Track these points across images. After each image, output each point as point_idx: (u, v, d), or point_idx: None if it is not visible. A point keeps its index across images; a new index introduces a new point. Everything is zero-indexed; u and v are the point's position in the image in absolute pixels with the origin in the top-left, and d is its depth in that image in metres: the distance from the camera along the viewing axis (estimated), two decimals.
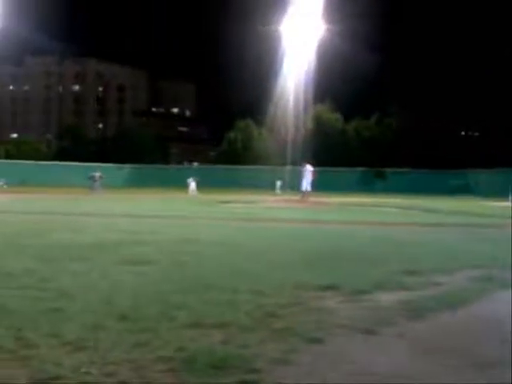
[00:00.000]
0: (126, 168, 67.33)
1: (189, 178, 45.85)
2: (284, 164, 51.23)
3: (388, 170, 61.59)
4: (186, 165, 70.04)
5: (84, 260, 9.07)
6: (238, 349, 4.71)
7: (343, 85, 56.67)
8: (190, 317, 5.61)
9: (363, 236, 14.26)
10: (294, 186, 37.52)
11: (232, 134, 70.87)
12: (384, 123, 68.06)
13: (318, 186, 39.28)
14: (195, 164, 69.29)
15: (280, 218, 19.73)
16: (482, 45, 61.05)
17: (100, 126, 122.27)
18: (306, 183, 34.81)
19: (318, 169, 45.27)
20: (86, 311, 5.79)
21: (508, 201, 37.72)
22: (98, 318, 5.54)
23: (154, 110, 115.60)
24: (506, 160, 56.36)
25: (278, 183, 49.51)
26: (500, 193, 43.87)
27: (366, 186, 57.86)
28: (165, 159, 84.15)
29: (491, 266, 9.33)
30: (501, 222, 19.93)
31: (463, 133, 77.71)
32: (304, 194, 34.12)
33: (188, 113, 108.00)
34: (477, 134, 75.97)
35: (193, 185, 45.14)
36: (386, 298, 6.81)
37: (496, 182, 52.51)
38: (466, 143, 71.58)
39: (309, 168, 35.51)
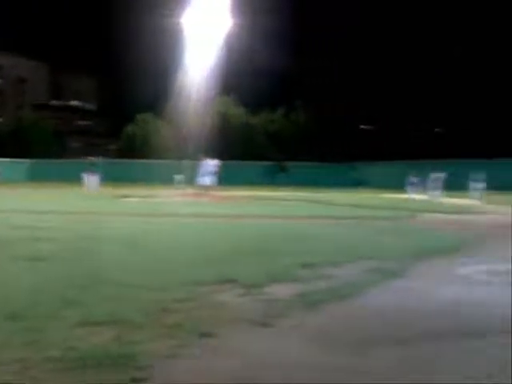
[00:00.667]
0: (25, 163, 65.12)
1: (87, 172, 44.88)
2: (185, 158, 50.93)
3: (291, 163, 62.38)
4: (85, 159, 68.42)
5: None
6: (130, 346, 4.64)
7: (249, 79, 56.93)
8: (82, 314, 5.47)
9: (264, 229, 14.36)
10: (194, 180, 37.36)
11: (131, 128, 69.82)
12: (290, 117, 68.84)
13: (222, 179, 39.32)
14: (95, 158, 67.62)
15: (181, 212, 19.55)
16: (381, 41, 62.65)
17: None
18: (208, 177, 34.77)
19: (221, 162, 45.38)
20: None
21: (405, 193, 39.03)
22: None
23: (54, 103, 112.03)
24: (401, 153, 58.42)
25: (178, 177, 49.17)
26: (396, 185, 45.40)
27: (269, 179, 58.39)
28: (64, 153, 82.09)
29: (383, 257, 9.65)
30: (396, 214, 20.56)
31: (363, 127, 79.75)
32: (206, 188, 34.06)
33: (89, 106, 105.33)
34: (371, 127, 78.12)
35: (92, 179, 44.16)
36: (281, 291, 6.91)
37: (392, 174, 54.28)
38: (364, 137, 73.50)
39: (211, 162, 35.49)
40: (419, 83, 61.13)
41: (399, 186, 43.37)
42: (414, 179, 39.54)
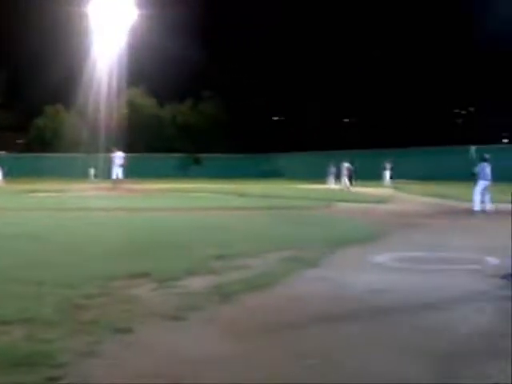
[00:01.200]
0: None
1: None
2: (97, 151, 49.79)
3: (204, 155, 62.11)
4: None
5: None
6: (43, 344, 4.54)
7: (158, 70, 56.09)
8: None
9: (178, 222, 14.27)
10: (107, 173, 36.66)
11: (40, 121, 67.61)
12: (199, 108, 68.40)
13: (134, 172, 38.82)
14: (1, 152, 65.03)
15: (90, 206, 19.09)
16: (293, 31, 63.13)
17: None
18: (117, 170, 34.21)
19: (132, 155, 44.71)
20: None
21: (321, 183, 39.56)
22: None
23: None
24: (315, 143, 59.33)
25: (92, 171, 48.19)
26: (311, 175, 46.15)
27: (182, 171, 57.91)
28: None
29: (299, 247, 9.78)
30: (310, 203, 20.86)
31: (276, 118, 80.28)
32: (115, 181, 33.50)
33: None
34: (283, 118, 78.78)
35: None
36: (196, 284, 6.91)
37: (306, 164, 55.14)
38: (277, 128, 74.05)
39: (119, 154, 34.88)
40: (332, 74, 62.14)
41: (314, 177, 44.06)
42: (332, 169, 40.11)
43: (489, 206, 16.80)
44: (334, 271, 8.01)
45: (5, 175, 42.77)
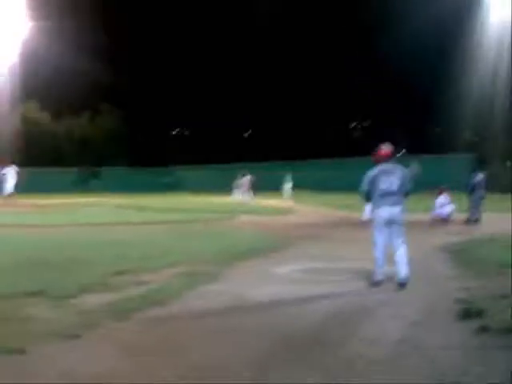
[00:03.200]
0: None
1: None
2: None
3: (103, 168, 60.96)
4: None
5: None
6: None
7: (54, 83, 54.59)
8: None
9: (75, 238, 13.86)
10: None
11: None
12: (96, 122, 67.05)
13: (29, 187, 37.56)
14: None
15: None
16: (191, 45, 63.10)
17: None
18: (8, 185, 33.08)
19: (28, 169, 43.26)
20: None
21: (224, 195, 39.55)
22: None
23: None
24: (215, 157, 59.40)
25: None
26: (211, 188, 46.26)
27: (81, 185, 56.48)
28: None
29: (199, 260, 9.73)
30: (211, 216, 20.83)
31: (174, 132, 79.90)
32: (10, 196, 32.37)
33: None
34: (187, 133, 78.58)
35: None
36: (92, 301, 6.78)
37: (207, 177, 55.16)
38: (176, 141, 73.73)
39: (11, 169, 33.69)
40: (231, 88, 62.47)
41: (215, 189, 44.14)
42: (238, 182, 39.96)
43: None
44: (233, 284, 8.06)
45: None
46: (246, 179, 37.95)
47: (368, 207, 8.36)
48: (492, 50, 42.73)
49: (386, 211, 7.92)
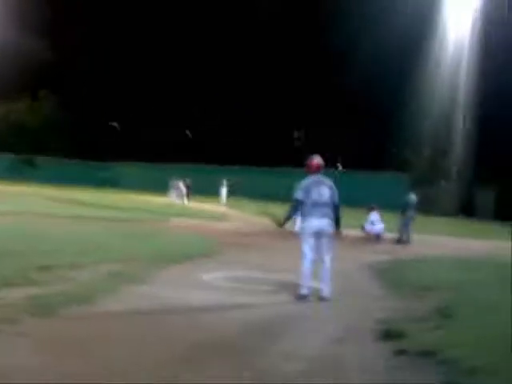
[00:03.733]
0: None
1: None
2: None
3: (39, 157, 59.58)
4: None
5: None
6: None
7: None
8: None
9: (1, 229, 13.48)
10: None
11: None
12: (34, 108, 65.34)
13: None
14: None
15: None
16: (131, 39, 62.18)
17: None
18: None
19: None
20: None
21: (161, 195, 39.22)
22: None
23: None
24: (155, 156, 58.72)
25: None
26: (148, 187, 45.91)
27: (14, 173, 55.04)
28: None
29: (128, 261, 9.63)
30: (145, 217, 20.69)
31: (116, 124, 78.70)
32: None
33: None
34: (121, 125, 77.46)
35: None
36: (12, 295, 6.60)
37: (145, 176, 54.70)
38: (114, 135, 72.62)
39: None
40: (173, 87, 62.10)
41: (151, 188, 43.80)
42: (175, 183, 39.59)
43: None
44: (159, 288, 8.04)
45: None
46: (184, 182, 37.85)
47: (299, 218, 8.44)
48: (437, 69, 43.84)
49: (316, 222, 8.01)
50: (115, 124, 74.76)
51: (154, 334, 5.82)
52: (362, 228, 18.80)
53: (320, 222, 8.00)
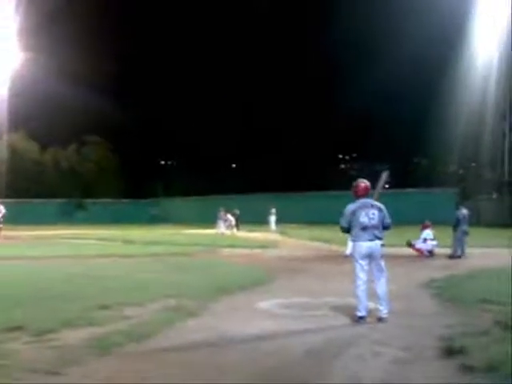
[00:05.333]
0: None
1: None
2: None
3: (89, 200, 60.88)
4: None
5: None
6: None
7: (41, 114, 54.82)
8: None
9: (57, 271, 13.74)
10: None
11: None
12: (83, 153, 67.05)
13: (14, 219, 37.35)
14: None
15: None
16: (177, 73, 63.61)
17: None
18: None
19: (12, 201, 43.11)
20: None
21: (210, 228, 39.44)
22: None
23: None
24: (201, 188, 59.25)
25: None
26: (198, 220, 46.25)
27: (66, 217, 56.21)
28: None
29: (182, 295, 9.69)
30: (196, 249, 20.81)
31: (162, 162, 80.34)
32: None
33: None
34: (175, 163, 79.03)
35: None
36: (73, 336, 6.74)
37: (193, 209, 55.19)
38: (163, 172, 73.83)
39: None
40: (218, 119, 62.89)
41: (201, 222, 44.06)
42: (223, 214, 39.74)
43: None
44: (216, 320, 8.05)
45: None
46: (232, 213, 38.03)
47: (350, 241, 8.42)
48: (478, 80, 43.20)
49: (367, 245, 8.01)
50: (163, 161, 75.94)
51: (213, 366, 5.82)
52: (410, 244, 18.63)
53: (371, 245, 8.00)
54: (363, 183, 8.37)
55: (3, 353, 5.92)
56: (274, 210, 39.97)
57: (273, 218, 39.69)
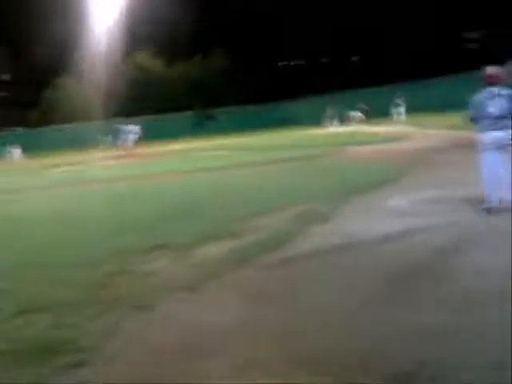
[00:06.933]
0: None
1: (9, 146, 43.71)
2: (107, 118, 49.72)
3: (217, 110, 61.79)
4: (8, 131, 65.12)
5: None
6: (67, 329, 4.65)
7: (162, 29, 55.54)
8: (17, 303, 5.42)
9: (192, 186, 14.31)
10: (118, 140, 36.87)
11: (49, 93, 67.28)
12: (207, 64, 67.71)
13: (147, 135, 38.90)
14: (18, 128, 65.18)
15: (107, 177, 19.12)
16: None
17: None
18: (130, 136, 34.45)
19: (144, 118, 44.71)
20: None
21: (325, 126, 39.36)
22: None
23: None
24: (324, 87, 58.34)
25: (104, 139, 48.02)
26: (317, 121, 46.01)
27: (196, 129, 57.56)
28: None
29: (312, 200, 9.78)
30: (322, 151, 20.66)
31: (280, 64, 79.48)
32: (127, 147, 33.75)
33: (5, 77, 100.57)
34: (294, 63, 77.97)
35: (16, 152, 42.93)
36: (213, 250, 6.98)
37: (317, 109, 54.68)
38: (284, 74, 73.24)
39: (129, 121, 35.00)
40: (336, 12, 60.93)
41: (318, 122, 43.75)
42: (330, 112, 39.27)
43: None
44: (347, 223, 8.04)
45: (23, 152, 43.10)
46: (359, 108, 37.49)
47: (478, 131, 8.10)
48: None
49: (494, 135, 7.68)
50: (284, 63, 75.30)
51: (348, 269, 5.90)
52: None
53: (500, 135, 7.67)
54: (491, 71, 7.94)
55: (149, 272, 6.25)
56: (401, 101, 38.95)
57: (399, 109, 38.75)
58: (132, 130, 34.87)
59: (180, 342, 4.35)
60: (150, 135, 41.56)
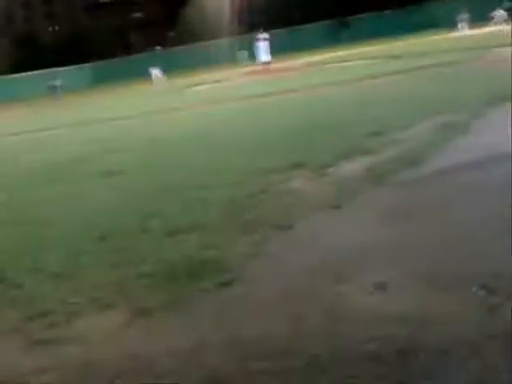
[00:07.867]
0: (86, 67, 64.31)
1: (153, 66, 44.82)
2: (243, 33, 49.68)
3: (351, 17, 60.05)
4: (150, 51, 66.59)
5: (58, 182, 9.03)
6: (212, 251, 4.79)
7: None
8: (164, 225, 5.65)
9: (326, 101, 14.05)
10: (254, 55, 36.82)
11: (187, 10, 67.99)
12: None
13: (285, 47, 38.61)
14: (158, 48, 66.65)
15: (245, 94, 19.20)
16: None
17: (52, 28, 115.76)
18: (263, 52, 34.21)
19: (277, 31, 44.24)
20: (65, 237, 5.83)
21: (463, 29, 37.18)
22: (78, 242, 5.59)
23: (105, 0, 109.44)
24: None
25: (241, 55, 48.08)
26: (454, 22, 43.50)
27: (331, 39, 56.24)
28: (126, 50, 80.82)
29: (452, 110, 9.35)
30: (462, 56, 19.59)
31: None
32: (264, 63, 33.61)
33: None
34: None
35: (157, 73, 43.99)
36: (350, 168, 6.93)
37: (447, 11, 51.42)
38: None
39: (263, 35, 34.66)
40: None
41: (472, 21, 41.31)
42: (463, 16, 36.84)
43: None
44: (488, 136, 7.61)
45: (164, 72, 44.19)
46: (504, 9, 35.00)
47: None
48: None
49: None
50: None
51: (488, 188, 5.60)
52: None
53: None
54: None
55: (287, 192, 6.30)
56: None
57: None
58: (267, 42, 34.53)
59: (321, 262, 4.36)
60: (285, 48, 41.21)
